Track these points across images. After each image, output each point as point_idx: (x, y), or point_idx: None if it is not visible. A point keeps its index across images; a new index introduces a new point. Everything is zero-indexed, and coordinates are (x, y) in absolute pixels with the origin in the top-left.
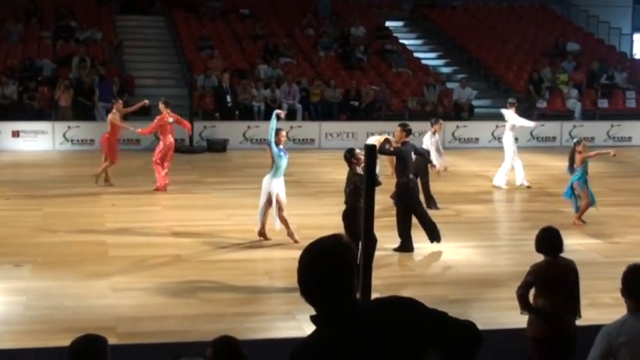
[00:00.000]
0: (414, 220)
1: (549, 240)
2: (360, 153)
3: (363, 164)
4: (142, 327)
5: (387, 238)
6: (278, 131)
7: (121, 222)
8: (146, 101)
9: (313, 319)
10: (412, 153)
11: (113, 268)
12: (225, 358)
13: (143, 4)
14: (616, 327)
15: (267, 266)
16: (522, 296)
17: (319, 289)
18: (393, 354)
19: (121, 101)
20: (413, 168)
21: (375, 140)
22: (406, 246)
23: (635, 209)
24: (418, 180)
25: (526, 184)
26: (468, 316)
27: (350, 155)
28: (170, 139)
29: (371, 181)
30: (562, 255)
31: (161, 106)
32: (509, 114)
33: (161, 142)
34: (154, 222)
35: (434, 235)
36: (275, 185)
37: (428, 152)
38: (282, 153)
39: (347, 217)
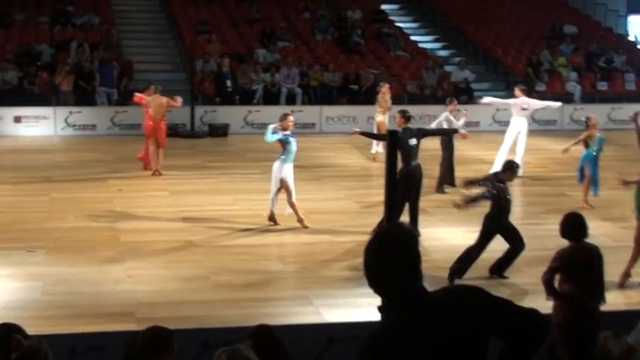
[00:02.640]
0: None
1: (574, 225)
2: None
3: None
4: (160, 312)
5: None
6: (285, 116)
7: (130, 207)
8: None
9: (380, 308)
10: (417, 138)
11: (126, 253)
12: (265, 346)
13: None
14: None
15: (280, 251)
16: (548, 282)
17: (386, 278)
18: (461, 341)
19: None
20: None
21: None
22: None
23: None
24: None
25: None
26: None
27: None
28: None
29: (393, 166)
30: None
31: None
32: (528, 101)
33: None
34: (162, 207)
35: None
36: (285, 171)
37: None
38: (290, 138)
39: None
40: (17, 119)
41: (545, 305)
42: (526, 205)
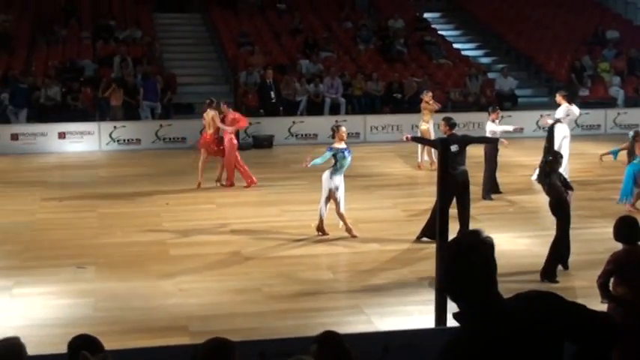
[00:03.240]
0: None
1: (628, 228)
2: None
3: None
4: (212, 325)
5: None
6: (338, 128)
7: (178, 221)
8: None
9: (457, 316)
10: (459, 144)
11: (176, 267)
12: (331, 352)
13: (180, 2)
14: None
15: (329, 261)
16: (603, 285)
17: (464, 286)
18: (538, 347)
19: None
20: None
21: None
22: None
23: None
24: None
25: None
26: None
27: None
28: (228, 137)
29: (445, 173)
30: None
31: (223, 107)
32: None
33: None
34: (210, 220)
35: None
36: (335, 181)
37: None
38: (345, 152)
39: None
40: (61, 135)
41: (599, 308)
42: (573, 210)
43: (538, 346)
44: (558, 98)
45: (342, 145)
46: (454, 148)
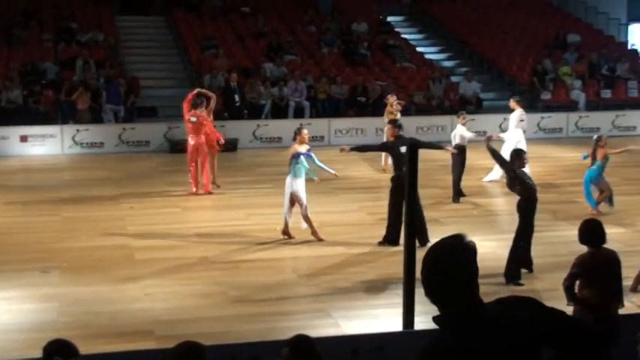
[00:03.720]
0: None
1: (593, 231)
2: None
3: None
4: (179, 330)
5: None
6: (299, 130)
7: (143, 225)
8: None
9: (437, 319)
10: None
11: (142, 271)
12: (303, 356)
13: (142, 4)
14: None
15: (295, 264)
16: (569, 288)
17: (445, 290)
18: (517, 352)
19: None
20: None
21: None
22: (393, 238)
23: None
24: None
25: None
26: None
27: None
28: (197, 140)
29: (414, 179)
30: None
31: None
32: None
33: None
34: (175, 224)
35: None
36: (296, 185)
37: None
38: (300, 158)
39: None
40: (23, 138)
41: (566, 310)
42: (536, 213)
43: (517, 351)
44: (512, 104)
45: (303, 149)
46: (404, 149)
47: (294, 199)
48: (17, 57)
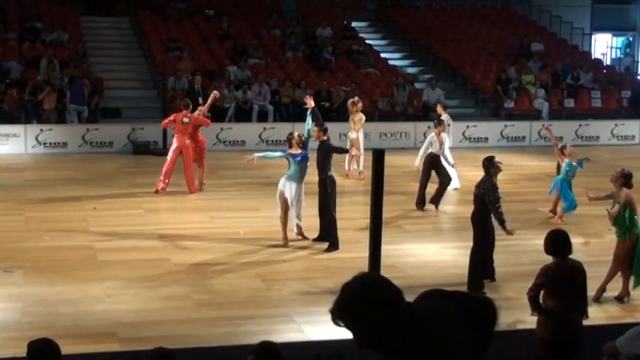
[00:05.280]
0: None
1: (559, 242)
2: (499, 162)
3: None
4: (142, 332)
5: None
6: (292, 135)
7: (105, 226)
8: (215, 92)
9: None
10: (331, 152)
11: (104, 272)
12: None
13: (107, 5)
14: None
15: (259, 269)
16: (533, 298)
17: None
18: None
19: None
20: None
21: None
22: (335, 244)
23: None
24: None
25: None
26: None
27: (489, 163)
28: (182, 140)
29: (379, 184)
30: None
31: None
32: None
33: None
34: (138, 225)
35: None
36: (285, 186)
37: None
38: (295, 159)
39: (474, 219)
40: None
41: (530, 320)
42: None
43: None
44: (439, 109)
45: (298, 151)
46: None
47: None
48: None
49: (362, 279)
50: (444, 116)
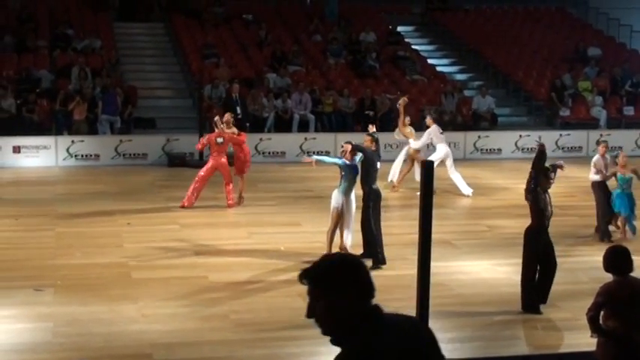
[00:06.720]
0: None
1: (619, 259)
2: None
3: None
4: (178, 354)
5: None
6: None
7: (140, 242)
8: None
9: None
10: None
11: (139, 291)
12: None
13: (141, 11)
14: None
15: (301, 288)
16: (593, 318)
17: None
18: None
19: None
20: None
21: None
22: (379, 258)
23: None
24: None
25: None
26: (517, 338)
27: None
28: (218, 160)
29: (429, 198)
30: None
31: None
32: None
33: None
34: (174, 241)
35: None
36: (338, 200)
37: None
38: (350, 169)
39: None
40: (16, 149)
41: (590, 342)
42: (555, 237)
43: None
44: (428, 121)
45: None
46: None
47: (336, 214)
48: (10, 64)
49: (347, 257)
50: (434, 127)
